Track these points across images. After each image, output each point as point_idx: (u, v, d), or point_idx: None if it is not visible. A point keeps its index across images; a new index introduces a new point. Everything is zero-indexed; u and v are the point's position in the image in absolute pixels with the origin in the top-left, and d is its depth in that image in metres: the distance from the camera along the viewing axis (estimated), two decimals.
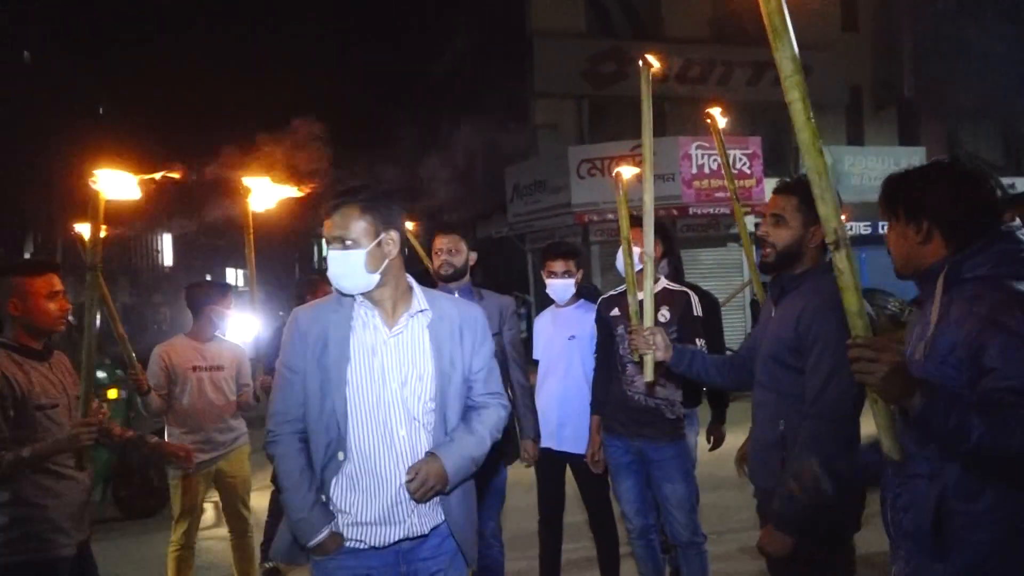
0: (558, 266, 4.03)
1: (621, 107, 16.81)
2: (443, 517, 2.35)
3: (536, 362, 4.25)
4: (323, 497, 2.28)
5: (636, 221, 3.78)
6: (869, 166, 17.04)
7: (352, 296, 2.31)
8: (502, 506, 4.01)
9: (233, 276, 48.96)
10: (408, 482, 2.22)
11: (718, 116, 3.59)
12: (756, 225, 2.81)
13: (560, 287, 4.05)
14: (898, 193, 2.03)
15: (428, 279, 3.65)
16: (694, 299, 3.74)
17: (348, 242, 2.22)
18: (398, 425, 2.25)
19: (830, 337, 2.36)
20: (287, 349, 2.32)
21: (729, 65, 18.20)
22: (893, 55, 19.68)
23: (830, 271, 2.51)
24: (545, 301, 4.39)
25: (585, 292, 4.25)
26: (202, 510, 4.38)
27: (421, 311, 2.33)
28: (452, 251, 3.87)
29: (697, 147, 14.84)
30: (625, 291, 3.87)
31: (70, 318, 3.28)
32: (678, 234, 15.21)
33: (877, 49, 20.08)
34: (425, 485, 2.20)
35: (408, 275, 2.38)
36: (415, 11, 23.50)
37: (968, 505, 1.82)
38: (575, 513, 4.67)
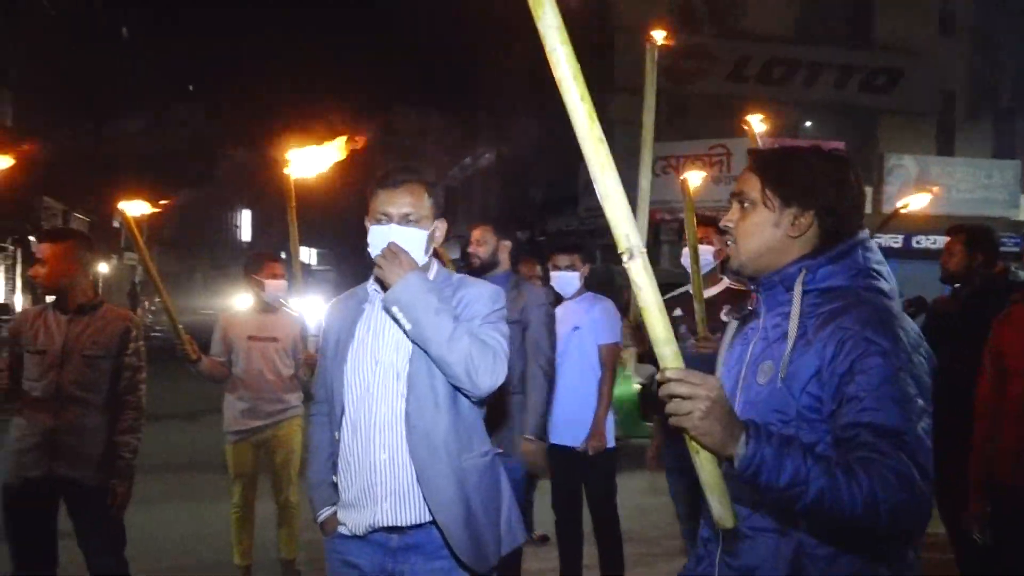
0: (562, 260, 4.07)
1: (701, 105, 16.56)
2: (429, 516, 2.14)
3: None
4: (333, 478, 2.27)
5: (706, 221, 3.75)
6: (959, 178, 16.34)
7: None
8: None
9: (307, 254, 50.18)
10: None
11: (756, 123, 3.53)
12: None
13: (564, 280, 4.06)
14: (786, 171, 1.64)
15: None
16: None
17: (414, 219, 2.17)
18: (382, 400, 2.16)
19: None
20: (322, 336, 2.39)
21: (814, 67, 17.74)
22: (992, 61, 18.83)
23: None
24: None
25: (595, 285, 4.27)
26: (255, 475, 4.52)
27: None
28: (478, 242, 3.85)
29: None
30: (687, 291, 3.87)
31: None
32: None
33: (975, 55, 19.24)
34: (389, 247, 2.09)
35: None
36: None
37: (829, 566, 1.50)
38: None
